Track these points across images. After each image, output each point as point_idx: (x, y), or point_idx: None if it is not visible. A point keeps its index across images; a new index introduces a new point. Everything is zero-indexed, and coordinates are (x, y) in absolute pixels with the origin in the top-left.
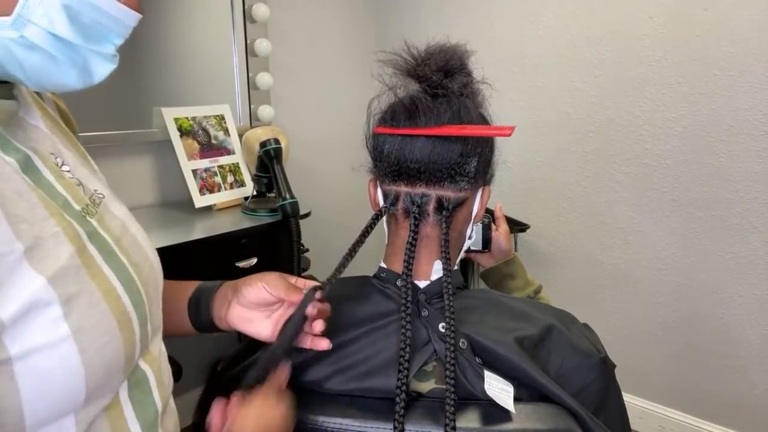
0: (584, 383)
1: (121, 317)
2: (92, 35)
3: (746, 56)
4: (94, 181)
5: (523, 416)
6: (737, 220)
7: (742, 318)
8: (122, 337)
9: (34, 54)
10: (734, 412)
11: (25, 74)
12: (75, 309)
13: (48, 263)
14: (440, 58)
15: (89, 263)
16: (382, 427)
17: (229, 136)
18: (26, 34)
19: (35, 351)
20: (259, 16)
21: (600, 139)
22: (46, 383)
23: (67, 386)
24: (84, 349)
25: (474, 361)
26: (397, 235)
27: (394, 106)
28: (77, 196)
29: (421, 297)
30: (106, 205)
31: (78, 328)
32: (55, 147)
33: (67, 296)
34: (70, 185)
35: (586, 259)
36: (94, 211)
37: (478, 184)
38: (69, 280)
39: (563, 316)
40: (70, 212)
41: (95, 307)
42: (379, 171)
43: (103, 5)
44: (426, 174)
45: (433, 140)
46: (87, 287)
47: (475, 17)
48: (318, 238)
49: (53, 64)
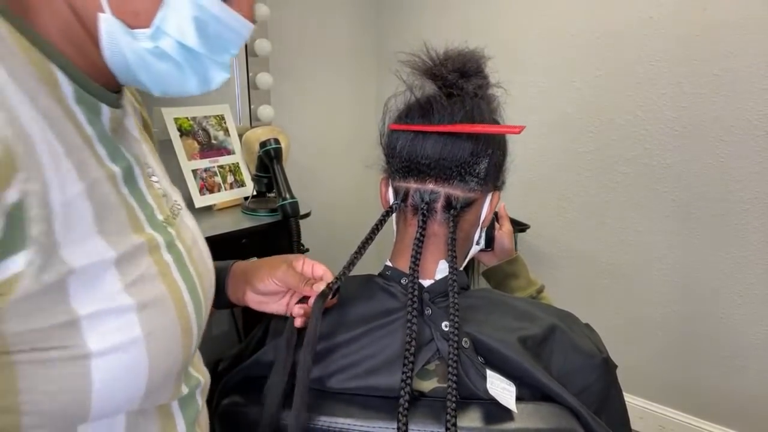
0: (586, 383)
1: (186, 324)
2: (215, 46)
3: (746, 56)
4: (173, 192)
5: (525, 415)
6: (737, 220)
7: (742, 318)
8: (183, 343)
9: (164, 63)
10: (734, 412)
11: (152, 81)
12: (148, 315)
13: (130, 270)
14: (458, 61)
15: (165, 271)
16: (385, 426)
17: (229, 136)
18: (161, 44)
19: (111, 351)
20: (259, 16)
21: (600, 139)
22: (115, 381)
23: (131, 387)
24: (152, 353)
25: (476, 360)
26: (405, 232)
27: (410, 104)
28: (161, 206)
29: (425, 296)
30: (182, 216)
31: (149, 332)
32: (147, 157)
33: (143, 303)
34: (157, 195)
35: (586, 259)
36: (174, 221)
37: (488, 187)
38: (146, 287)
39: (566, 317)
40: (154, 222)
41: (166, 314)
42: (391, 168)
43: (225, 17)
44: (436, 171)
45: (445, 137)
46: (160, 293)
47: (476, 16)
48: (318, 238)
49: (178, 71)
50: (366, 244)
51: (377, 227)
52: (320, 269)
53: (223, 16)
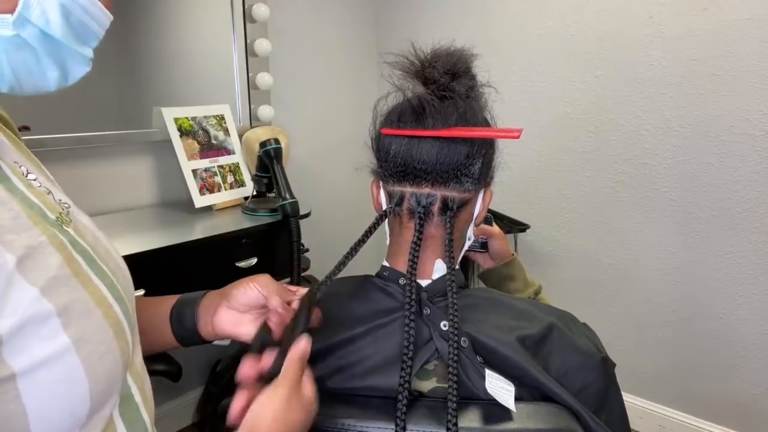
0: (585, 383)
1: (116, 325)
2: (79, 36)
3: (746, 56)
4: (56, 190)
5: (525, 416)
6: (737, 220)
7: (742, 318)
8: (118, 345)
9: (22, 53)
10: (734, 412)
11: (4, 73)
12: (72, 319)
13: (39, 273)
14: (447, 61)
15: (78, 271)
16: (384, 427)
17: (229, 136)
18: (23, 33)
19: (39, 365)
20: (259, 16)
21: (600, 139)
22: (52, 398)
23: (73, 400)
24: (86, 359)
25: (475, 360)
26: (401, 234)
27: (401, 107)
28: (49, 204)
29: (423, 295)
30: (74, 214)
31: (78, 338)
32: (12, 155)
33: (63, 306)
34: (41, 194)
35: (586, 259)
36: (69, 219)
37: (481, 185)
38: (62, 290)
39: (564, 316)
40: (48, 221)
41: (91, 315)
42: (384, 171)
43: (89, 7)
44: (432, 175)
45: (441, 141)
46: (80, 296)
47: (476, 16)
48: (318, 238)
49: (36, 63)
50: (358, 247)
51: (370, 231)
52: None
53: (88, 5)
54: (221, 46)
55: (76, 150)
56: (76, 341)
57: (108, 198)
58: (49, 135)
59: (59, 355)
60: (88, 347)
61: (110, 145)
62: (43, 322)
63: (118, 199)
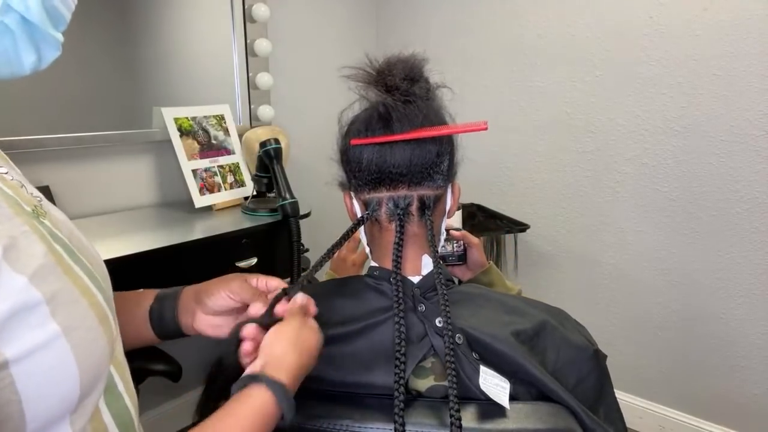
0: (580, 376)
1: (100, 313)
2: (53, 20)
3: (746, 56)
4: (27, 184)
5: (523, 415)
6: (737, 220)
7: (742, 318)
8: (104, 332)
9: (3, 39)
10: (734, 412)
11: None
12: (60, 306)
13: (26, 262)
14: (403, 67)
15: (60, 261)
16: (384, 426)
17: (229, 136)
18: (6, 19)
19: (31, 352)
20: (259, 16)
21: (600, 139)
22: (45, 385)
23: (64, 386)
24: (75, 346)
25: (471, 357)
26: (383, 237)
27: (366, 116)
28: (24, 197)
29: (416, 291)
30: (46, 207)
31: (67, 325)
32: None
33: (51, 294)
34: (14, 187)
35: (586, 259)
36: (44, 212)
37: (449, 180)
38: (49, 279)
39: (556, 313)
40: (26, 213)
41: (77, 303)
42: (358, 182)
43: None
44: (408, 176)
45: (413, 144)
46: (65, 285)
47: (476, 16)
48: (318, 238)
49: (14, 48)
50: (334, 249)
51: (347, 235)
52: (274, 282)
53: None
54: (221, 46)
55: (76, 150)
56: (66, 328)
57: (108, 198)
58: (49, 135)
59: (50, 342)
60: (77, 334)
61: (110, 145)
62: (32, 311)
63: (118, 199)
